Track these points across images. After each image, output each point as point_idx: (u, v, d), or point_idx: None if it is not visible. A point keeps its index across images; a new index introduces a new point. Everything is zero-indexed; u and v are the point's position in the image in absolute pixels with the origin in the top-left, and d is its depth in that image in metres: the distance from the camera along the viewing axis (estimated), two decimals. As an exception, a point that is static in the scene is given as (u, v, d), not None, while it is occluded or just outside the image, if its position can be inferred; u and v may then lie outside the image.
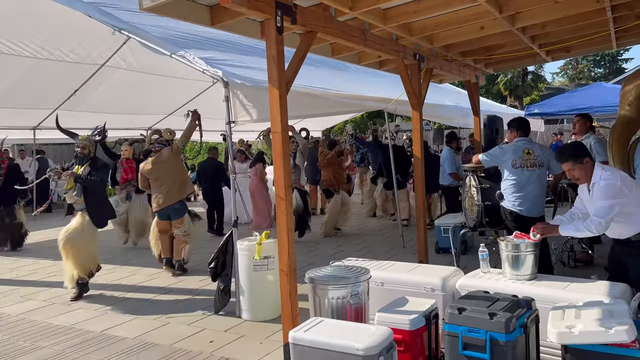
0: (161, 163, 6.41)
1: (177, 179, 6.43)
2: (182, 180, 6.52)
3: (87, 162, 5.70)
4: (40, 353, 4.18)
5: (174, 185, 6.37)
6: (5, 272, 7.07)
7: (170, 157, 6.43)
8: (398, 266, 4.19)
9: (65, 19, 7.50)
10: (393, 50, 5.35)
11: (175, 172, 6.44)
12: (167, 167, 6.39)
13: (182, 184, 6.48)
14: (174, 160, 6.47)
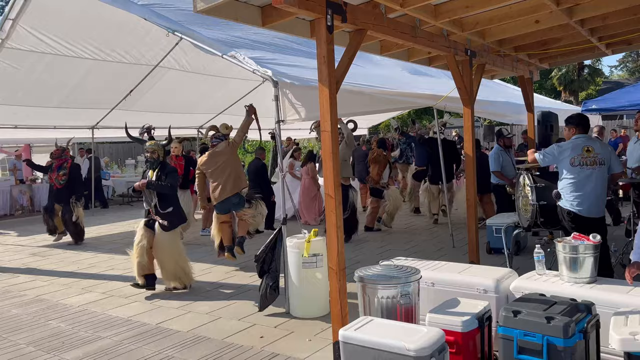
0: (217, 157, 6.43)
1: (233, 172, 6.42)
2: (238, 175, 6.50)
3: (157, 167, 5.86)
4: (100, 343, 4.37)
5: (229, 179, 6.37)
6: (68, 265, 7.44)
7: (226, 151, 6.44)
8: (449, 266, 4.11)
9: (121, 21, 7.80)
10: (444, 47, 5.26)
11: (231, 166, 6.43)
12: (223, 161, 6.40)
13: (238, 177, 6.48)
14: (230, 155, 6.48)
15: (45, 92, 9.93)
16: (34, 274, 6.99)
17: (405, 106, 8.38)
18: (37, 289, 6.22)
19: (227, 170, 6.39)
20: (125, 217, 12.12)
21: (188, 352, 4.10)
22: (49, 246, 8.89)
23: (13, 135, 12.05)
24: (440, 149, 7.88)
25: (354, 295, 3.79)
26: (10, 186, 13.62)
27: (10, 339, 4.56)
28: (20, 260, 7.92)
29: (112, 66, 9.47)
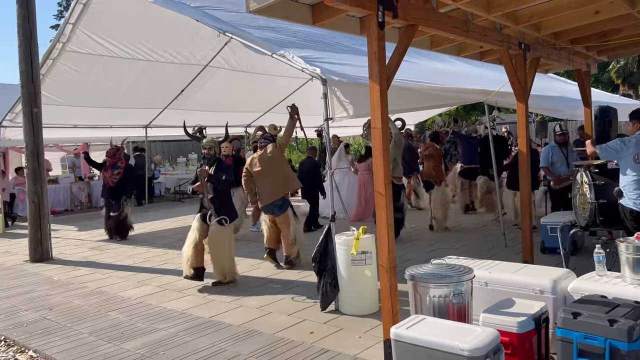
0: (266, 158, 6.46)
1: (281, 175, 6.45)
2: (286, 177, 6.53)
3: (214, 163, 6.01)
4: (157, 335, 4.54)
5: (277, 181, 6.40)
6: (125, 259, 7.74)
7: (274, 153, 6.47)
8: (503, 266, 4.02)
9: (172, 23, 8.04)
10: (497, 40, 5.13)
11: (279, 168, 6.46)
12: (271, 162, 6.43)
13: (286, 180, 6.50)
14: (278, 156, 6.50)
15: (102, 93, 10.37)
16: (93, 267, 7.32)
17: (455, 102, 8.21)
18: (96, 281, 6.51)
19: (274, 173, 6.39)
20: (177, 213, 12.48)
21: (240, 346, 4.19)
22: (106, 241, 9.28)
23: (72, 135, 12.61)
24: (492, 145, 7.71)
25: (403, 294, 3.77)
26: (70, 183, 14.28)
27: (74, 328, 4.80)
28: (81, 253, 8.31)
29: (164, 67, 9.78)
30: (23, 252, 8.25)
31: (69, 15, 8.33)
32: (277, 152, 6.51)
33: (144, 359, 4.03)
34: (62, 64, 9.11)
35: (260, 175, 6.49)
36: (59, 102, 9.98)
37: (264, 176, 6.46)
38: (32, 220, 7.94)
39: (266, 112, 13.22)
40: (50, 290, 6.20)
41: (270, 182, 6.42)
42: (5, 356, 4.36)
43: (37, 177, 7.97)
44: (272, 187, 6.41)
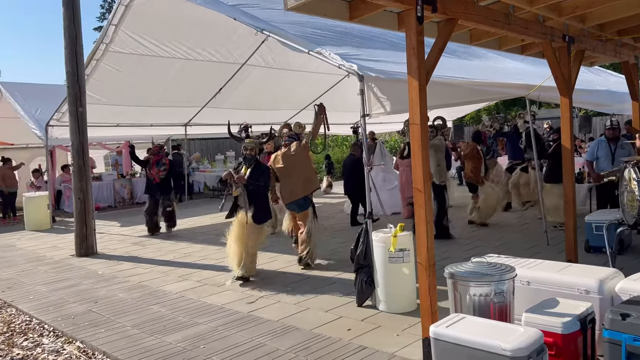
0: (289, 157, 6.44)
1: (304, 174, 6.41)
2: (308, 176, 6.48)
3: (253, 163, 6.09)
4: (197, 328, 4.63)
5: (299, 180, 6.37)
6: (166, 254, 7.93)
7: (298, 152, 6.45)
8: (546, 265, 3.92)
9: (210, 21, 8.17)
10: (539, 33, 4.98)
11: (303, 166, 6.43)
12: (295, 161, 6.40)
13: (308, 179, 6.45)
14: (302, 155, 6.47)
15: (143, 92, 10.64)
16: (135, 261, 7.53)
17: (495, 97, 8.05)
18: (139, 275, 6.69)
19: (297, 172, 6.37)
20: (216, 209, 12.65)
21: (279, 341, 4.23)
22: (148, 236, 9.53)
23: (114, 133, 12.99)
24: (534, 140, 7.53)
25: (441, 292, 3.72)
26: (112, 180, 14.72)
27: (118, 321, 4.95)
28: (124, 248, 8.56)
29: (203, 65, 9.95)
30: (69, 246, 8.56)
31: (112, 17, 8.58)
32: (301, 150, 6.48)
33: (185, 352, 4.12)
34: (105, 64, 9.40)
35: (283, 173, 6.48)
36: (103, 102, 10.30)
37: (286, 175, 6.45)
38: (78, 216, 8.22)
39: (302, 109, 13.28)
40: (95, 283, 6.42)
41: (291, 181, 6.40)
42: (54, 346, 4.54)
43: (82, 174, 8.24)
44: (293, 187, 6.39)
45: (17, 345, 4.64)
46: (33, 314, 5.34)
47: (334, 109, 10.19)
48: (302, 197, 6.42)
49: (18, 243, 9.61)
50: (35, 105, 12.38)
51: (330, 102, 12.03)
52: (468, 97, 6.75)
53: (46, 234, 10.48)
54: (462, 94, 6.38)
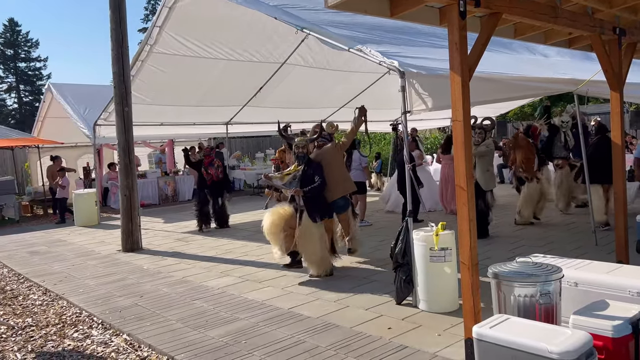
0: (323, 158, 6.28)
1: (339, 175, 6.28)
2: (344, 177, 6.36)
3: (304, 161, 6.10)
4: (238, 324, 4.71)
5: (335, 180, 6.21)
6: (208, 250, 8.10)
7: (333, 153, 6.33)
8: (594, 265, 3.78)
9: (251, 21, 8.26)
10: (588, 26, 4.80)
11: (337, 167, 6.30)
12: (329, 162, 6.26)
13: (344, 180, 6.33)
14: (337, 156, 6.34)
15: (186, 92, 10.88)
16: (179, 257, 7.72)
17: (540, 92, 7.80)
18: (182, 271, 6.86)
19: (334, 172, 6.22)
20: (256, 206, 12.84)
21: (318, 338, 4.25)
22: (191, 233, 9.74)
23: (158, 132, 13.34)
24: (582, 139, 7.29)
25: (483, 292, 3.65)
26: (157, 178, 15.11)
27: (163, 315, 5.09)
28: (168, 244, 8.79)
29: (244, 65, 10.09)
30: (116, 242, 8.85)
31: (156, 19, 8.81)
32: (336, 152, 6.35)
33: (227, 346, 4.20)
34: (150, 65, 9.66)
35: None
36: (147, 102, 10.59)
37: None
38: (124, 212, 8.49)
39: (341, 107, 13.28)
40: (140, 278, 6.61)
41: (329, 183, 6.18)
42: (102, 338, 4.71)
43: (128, 172, 8.51)
44: (331, 188, 6.20)
45: (68, 336, 4.83)
46: (83, 307, 5.55)
47: (371, 106, 10.16)
48: (340, 197, 6.29)
49: (68, 238, 10.01)
50: (84, 105, 12.87)
51: (369, 100, 11.99)
52: (512, 92, 6.58)
53: (94, 230, 10.88)
54: (505, 90, 6.22)
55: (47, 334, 4.92)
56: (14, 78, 44.24)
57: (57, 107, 13.94)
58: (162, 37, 9.01)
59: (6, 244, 9.78)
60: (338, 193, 6.28)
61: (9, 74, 44.16)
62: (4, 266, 7.93)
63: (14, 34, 44.16)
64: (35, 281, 6.81)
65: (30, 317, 5.44)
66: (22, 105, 44.61)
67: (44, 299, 6.10)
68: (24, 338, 4.84)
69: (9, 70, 44.05)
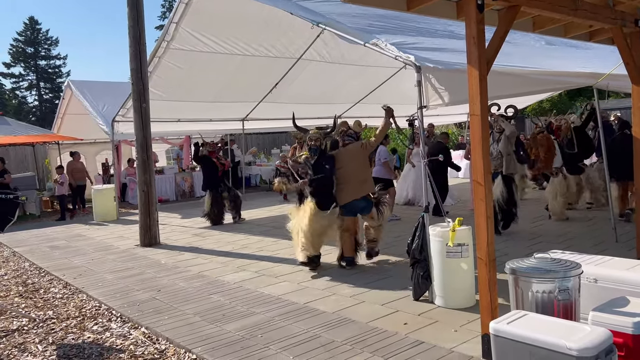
0: (348, 157, 6.22)
1: (360, 175, 6.20)
2: (366, 177, 6.29)
3: (317, 154, 6.09)
4: (255, 318, 4.74)
5: (355, 181, 6.15)
6: (224, 245, 8.16)
7: (358, 152, 6.24)
8: (615, 262, 3.73)
9: (266, 17, 8.27)
10: (609, 18, 4.71)
11: (360, 168, 6.22)
12: (353, 162, 6.19)
13: (365, 181, 6.25)
14: (362, 156, 6.26)
15: (202, 88, 10.94)
16: (196, 252, 7.79)
17: (559, 87, 7.70)
18: (199, 265, 6.92)
19: (356, 172, 6.15)
20: (272, 202, 12.92)
21: (334, 333, 4.25)
22: (207, 228, 9.82)
23: (175, 128, 13.45)
24: (602, 135, 7.18)
25: (500, 288, 3.62)
26: (174, 174, 15.25)
27: (180, 309, 5.14)
28: (185, 239, 8.87)
29: (260, 61, 10.11)
30: (134, 237, 8.96)
31: (173, 15, 8.87)
32: (362, 152, 6.26)
33: (244, 340, 4.23)
34: (167, 61, 9.73)
35: (342, 173, 6.21)
36: (164, 98, 10.67)
37: (346, 175, 6.19)
38: (142, 207, 8.59)
39: (356, 103, 13.24)
40: (158, 272, 6.69)
41: (347, 182, 6.15)
42: (121, 331, 4.78)
43: (146, 167, 8.60)
44: (353, 187, 6.14)
45: (88, 329, 4.91)
46: (102, 300, 5.64)
47: (387, 101, 10.10)
48: (362, 196, 6.19)
49: (87, 233, 10.17)
50: (102, 102, 13.02)
51: (385, 94, 11.96)
52: (529, 87, 6.49)
53: (113, 225, 11.03)
54: (523, 84, 6.14)
55: (67, 326, 5.01)
56: (35, 76, 44.96)
57: (77, 104, 14.13)
58: (178, 33, 9.07)
59: (27, 238, 9.97)
60: (355, 194, 6.15)
61: (29, 72, 44.90)
62: (26, 260, 8.08)
63: (34, 32, 44.86)
64: (56, 275, 6.93)
65: (51, 310, 5.54)
66: (43, 102, 45.34)
67: (64, 292, 6.21)
68: (45, 330, 4.93)
69: (30, 68, 44.78)
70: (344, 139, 6.44)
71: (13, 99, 44.54)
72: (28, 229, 11.08)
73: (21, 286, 6.61)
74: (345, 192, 6.18)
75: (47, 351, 4.44)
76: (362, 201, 6.19)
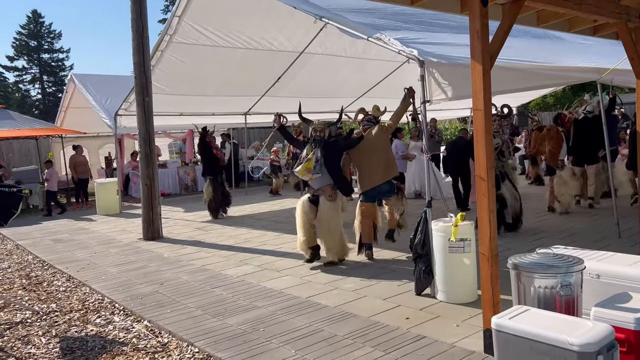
0: (369, 142, 6.21)
1: (383, 158, 6.19)
2: (388, 161, 6.25)
3: (322, 145, 6.10)
4: (257, 312, 4.75)
5: (379, 165, 6.15)
6: (227, 239, 8.17)
7: (379, 136, 6.23)
8: (617, 257, 3.72)
9: (268, 9, 8.25)
10: (614, 13, 4.68)
11: (382, 152, 6.21)
12: (376, 146, 6.19)
13: (388, 164, 6.22)
14: (383, 139, 6.25)
15: (205, 82, 10.94)
16: (199, 246, 7.81)
17: (563, 82, 7.68)
18: (202, 259, 6.94)
19: (378, 156, 6.15)
20: (274, 197, 12.92)
21: (336, 327, 4.27)
22: (210, 222, 9.84)
23: (178, 122, 13.44)
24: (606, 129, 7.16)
25: (502, 284, 3.62)
26: (177, 167, 15.27)
27: (183, 302, 5.16)
28: (187, 233, 8.89)
29: (262, 54, 10.09)
30: (137, 230, 8.99)
31: (175, 9, 8.85)
32: (382, 135, 6.25)
33: (246, 334, 4.24)
34: (170, 55, 9.72)
35: (363, 159, 6.24)
36: (167, 92, 10.67)
37: (367, 160, 6.20)
38: (145, 201, 8.60)
39: (359, 97, 13.21)
40: (161, 266, 6.71)
41: (371, 167, 6.16)
42: (124, 324, 4.80)
43: (149, 161, 8.61)
44: (376, 172, 6.13)
45: (91, 322, 4.94)
46: (105, 294, 5.67)
47: (391, 95, 10.08)
48: (382, 183, 6.19)
49: (90, 226, 10.20)
50: (105, 95, 13.02)
51: (387, 89, 11.93)
52: (533, 82, 6.47)
53: (115, 218, 11.06)
54: (526, 79, 6.11)
55: (70, 319, 5.04)
56: (38, 69, 44.99)
57: (80, 97, 14.14)
58: (181, 27, 9.06)
59: (31, 231, 10.01)
60: (379, 179, 6.18)
61: (32, 65, 44.93)
62: (29, 253, 8.12)
63: (37, 25, 44.85)
64: (59, 268, 6.96)
65: (54, 303, 5.57)
66: (46, 95, 45.39)
67: (68, 285, 6.23)
68: (49, 323, 4.96)
69: (33, 61, 44.81)
70: (364, 125, 6.45)
71: (16, 92, 44.61)
72: (31, 223, 11.11)
73: (25, 279, 6.65)
74: (369, 177, 6.20)
75: (50, 343, 4.46)
76: (385, 185, 6.23)
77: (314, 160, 5.99)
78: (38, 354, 4.26)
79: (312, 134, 6.23)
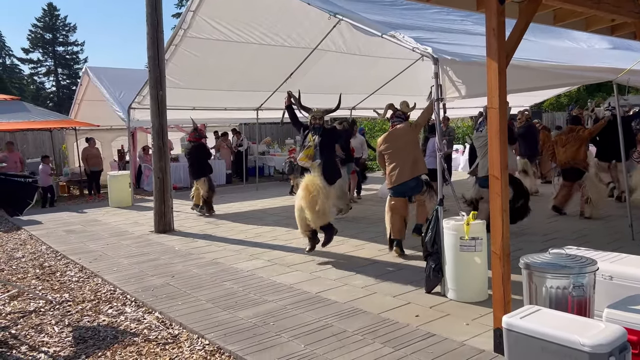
0: (398, 138, 6.21)
1: (411, 155, 6.17)
2: (416, 158, 6.23)
3: (320, 132, 6.22)
4: (267, 306, 4.78)
5: (406, 162, 6.13)
6: (237, 233, 8.22)
7: (407, 132, 6.22)
8: (631, 259, 3.69)
9: (283, 5, 8.25)
10: (632, 12, 4.62)
11: (410, 148, 6.19)
12: (403, 142, 6.18)
13: (416, 161, 6.20)
14: (411, 136, 6.23)
15: (218, 77, 10.96)
16: (209, 239, 7.86)
17: (578, 81, 7.59)
18: (212, 253, 6.99)
19: (407, 152, 6.15)
20: (285, 192, 12.94)
21: (346, 323, 4.28)
22: (220, 216, 9.89)
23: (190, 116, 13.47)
24: (621, 128, 7.08)
25: (514, 283, 3.61)
26: (187, 161, 15.31)
27: (194, 295, 5.21)
28: (198, 227, 8.95)
29: (275, 50, 10.09)
30: (149, 223, 9.06)
31: (190, 3, 8.88)
32: (411, 131, 6.24)
33: (256, 327, 4.27)
34: (184, 49, 9.76)
35: (392, 154, 6.23)
36: (180, 86, 10.71)
37: (396, 156, 6.20)
38: (157, 194, 8.66)
39: (371, 93, 13.19)
40: (172, 259, 6.77)
41: (402, 162, 6.14)
42: (135, 315, 4.85)
43: (161, 154, 8.66)
44: (404, 168, 6.13)
45: (103, 312, 5.00)
46: (117, 285, 5.73)
47: (403, 93, 10.05)
48: (412, 178, 6.19)
49: (102, 218, 10.30)
50: (119, 88, 13.09)
51: (400, 86, 11.89)
52: (548, 81, 6.41)
53: (128, 211, 11.15)
54: (541, 78, 6.05)
55: (83, 309, 5.10)
56: (52, 62, 45.41)
57: (94, 90, 14.24)
58: (195, 22, 9.08)
59: (45, 222, 10.13)
60: (408, 174, 6.17)
61: (47, 58, 45.37)
62: (43, 243, 8.22)
63: (52, 18, 45.24)
64: (72, 259, 7.04)
65: (67, 293, 5.64)
66: (60, 88, 45.82)
67: (80, 275, 6.31)
68: (62, 312, 5.02)
69: (48, 54, 45.24)
70: (393, 121, 6.43)
71: (31, 85, 45.07)
72: (45, 213, 11.24)
73: (38, 269, 6.74)
74: (398, 173, 6.18)
75: (63, 332, 4.52)
76: (412, 181, 6.20)
77: (313, 147, 6.09)
78: (51, 342, 4.33)
79: (312, 122, 6.30)
